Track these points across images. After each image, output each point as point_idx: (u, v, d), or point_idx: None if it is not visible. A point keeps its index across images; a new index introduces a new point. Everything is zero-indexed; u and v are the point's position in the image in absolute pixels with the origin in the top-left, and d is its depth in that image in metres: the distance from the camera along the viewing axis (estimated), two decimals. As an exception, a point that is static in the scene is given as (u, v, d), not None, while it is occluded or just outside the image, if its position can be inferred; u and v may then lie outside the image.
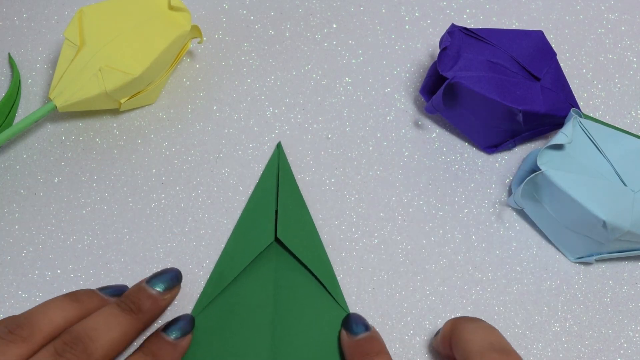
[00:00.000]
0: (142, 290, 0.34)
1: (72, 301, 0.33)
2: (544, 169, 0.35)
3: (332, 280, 0.37)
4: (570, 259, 0.38)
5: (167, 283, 0.35)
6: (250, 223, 0.38)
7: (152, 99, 0.41)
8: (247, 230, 0.38)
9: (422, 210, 0.39)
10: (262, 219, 0.38)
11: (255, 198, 0.39)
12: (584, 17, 0.44)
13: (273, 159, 0.40)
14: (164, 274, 0.35)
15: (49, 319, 0.31)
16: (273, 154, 0.40)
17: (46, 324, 0.31)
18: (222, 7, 0.44)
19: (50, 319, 0.31)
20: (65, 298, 0.33)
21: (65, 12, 0.43)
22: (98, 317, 0.32)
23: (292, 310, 0.36)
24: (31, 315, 0.31)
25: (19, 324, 0.31)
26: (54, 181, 0.39)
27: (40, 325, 0.31)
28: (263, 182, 0.39)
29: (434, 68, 0.39)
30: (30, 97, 0.41)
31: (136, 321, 0.33)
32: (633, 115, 0.42)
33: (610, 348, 0.37)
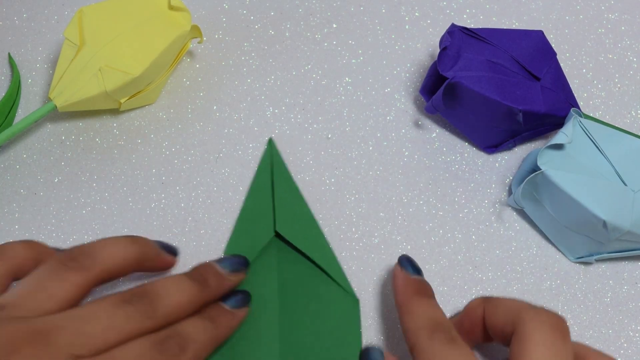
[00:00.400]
0: (211, 266, 0.35)
1: (131, 241, 0.33)
2: (544, 169, 0.35)
3: (336, 267, 0.37)
4: (571, 259, 0.38)
5: (234, 266, 0.35)
6: (248, 221, 0.38)
7: (152, 99, 0.41)
8: (247, 228, 0.38)
9: (422, 210, 0.39)
10: (260, 215, 0.38)
11: (251, 196, 0.39)
12: (584, 17, 0.44)
13: (265, 155, 0.40)
14: (233, 258, 0.36)
15: (109, 253, 0.32)
16: (265, 150, 0.40)
17: (106, 257, 0.32)
18: (222, 7, 0.44)
19: (110, 253, 0.32)
20: (123, 237, 0.33)
21: (65, 12, 0.43)
22: (168, 279, 0.32)
23: (298, 302, 0.36)
24: (92, 247, 0.32)
25: (81, 252, 0.31)
26: (54, 181, 0.39)
27: (101, 257, 0.31)
28: (258, 180, 0.39)
29: (434, 68, 0.39)
30: (30, 97, 0.41)
31: (201, 292, 0.33)
32: (633, 115, 0.42)
33: (610, 348, 0.37)
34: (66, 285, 0.30)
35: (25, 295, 0.29)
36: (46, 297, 0.29)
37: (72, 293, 0.30)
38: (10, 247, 0.32)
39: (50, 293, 0.29)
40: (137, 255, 0.33)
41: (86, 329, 0.28)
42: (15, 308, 0.29)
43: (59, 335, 0.27)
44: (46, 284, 0.30)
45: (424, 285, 0.35)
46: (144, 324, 0.30)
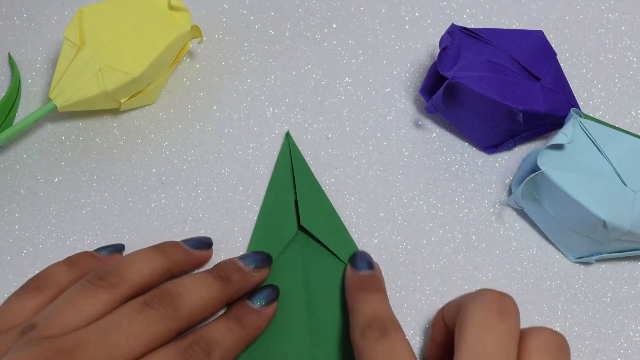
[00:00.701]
0: (233, 263, 0.35)
1: (158, 253, 0.34)
2: (544, 169, 0.35)
3: None
4: (571, 259, 0.38)
5: (257, 262, 0.35)
6: (270, 217, 0.38)
7: (152, 99, 0.41)
8: (269, 224, 0.38)
9: (422, 210, 0.39)
10: (282, 211, 0.38)
11: (271, 191, 0.39)
12: (584, 17, 0.44)
13: (284, 149, 0.40)
14: (255, 254, 0.36)
15: (136, 269, 0.32)
16: (283, 144, 0.40)
17: (133, 273, 0.32)
18: (222, 7, 0.44)
19: (137, 268, 0.32)
20: (151, 250, 0.34)
21: (65, 12, 0.43)
22: (189, 278, 0.33)
23: (324, 296, 0.36)
24: (119, 265, 0.32)
25: (108, 272, 0.32)
26: (54, 181, 0.39)
27: (128, 274, 0.32)
28: (277, 174, 0.39)
29: (434, 68, 0.39)
30: (30, 97, 0.41)
31: (225, 289, 0.33)
32: (633, 115, 0.42)
33: (610, 348, 0.37)
34: (94, 302, 0.31)
35: (55, 313, 0.30)
36: (74, 314, 0.30)
37: (101, 309, 0.31)
38: (53, 271, 0.33)
39: (78, 310, 0.30)
40: (164, 265, 0.33)
41: (109, 340, 0.29)
42: (45, 327, 0.29)
43: (84, 351, 0.28)
44: (75, 301, 0.31)
45: (368, 280, 0.35)
46: (166, 325, 0.30)
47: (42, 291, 0.32)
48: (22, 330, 0.30)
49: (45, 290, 0.32)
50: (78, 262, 0.34)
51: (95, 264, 0.35)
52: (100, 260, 0.35)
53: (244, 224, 0.38)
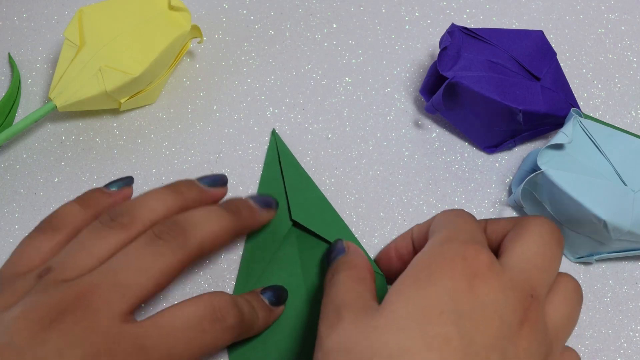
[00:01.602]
0: (243, 200, 0.35)
1: (172, 192, 0.33)
2: (544, 169, 0.35)
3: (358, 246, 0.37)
4: (571, 259, 0.38)
5: (264, 203, 0.36)
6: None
7: (152, 99, 0.41)
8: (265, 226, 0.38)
9: (422, 210, 0.39)
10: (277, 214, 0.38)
11: (262, 189, 0.39)
12: (584, 17, 0.44)
13: (271, 146, 0.40)
14: (263, 195, 0.37)
15: (149, 208, 0.32)
16: (270, 142, 0.40)
17: (146, 213, 0.32)
18: (222, 7, 0.44)
19: (150, 208, 0.32)
20: (165, 189, 0.34)
21: (65, 12, 0.44)
22: (199, 210, 0.33)
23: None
24: (132, 205, 0.32)
25: (120, 212, 0.32)
26: (54, 181, 0.39)
27: (141, 214, 0.32)
28: (266, 172, 0.39)
29: (434, 68, 0.39)
30: (30, 97, 0.41)
31: (234, 221, 0.33)
32: (633, 115, 0.42)
33: (610, 348, 0.37)
34: (106, 243, 0.31)
35: (69, 256, 0.31)
36: (87, 256, 0.31)
37: (112, 249, 0.31)
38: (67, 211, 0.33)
39: (90, 251, 0.31)
40: (178, 204, 0.33)
41: (119, 280, 0.29)
42: (60, 271, 0.30)
43: (96, 295, 0.29)
44: (87, 243, 0.31)
45: None
46: (175, 257, 0.31)
47: (57, 232, 0.33)
48: (39, 273, 0.30)
49: (59, 231, 0.33)
50: (90, 200, 0.34)
51: (106, 201, 0.34)
52: (111, 195, 0.35)
53: (244, 224, 0.38)
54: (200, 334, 0.30)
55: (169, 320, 0.30)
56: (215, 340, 0.31)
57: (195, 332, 0.30)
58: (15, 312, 0.28)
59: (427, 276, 0.28)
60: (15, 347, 0.27)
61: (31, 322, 0.28)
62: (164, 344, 0.29)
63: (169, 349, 0.29)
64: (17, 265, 0.32)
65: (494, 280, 0.28)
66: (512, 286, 0.28)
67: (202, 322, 0.30)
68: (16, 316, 0.28)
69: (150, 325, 0.29)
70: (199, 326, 0.30)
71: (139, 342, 0.29)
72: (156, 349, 0.29)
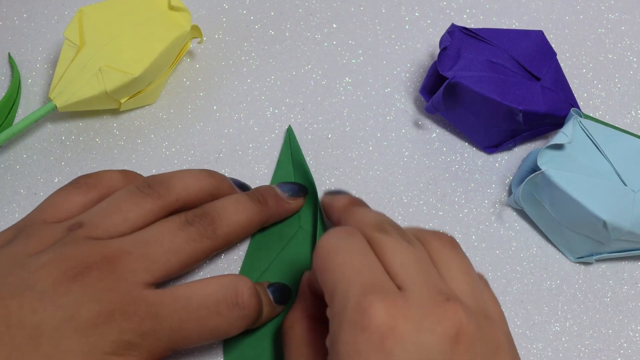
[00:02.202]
0: (271, 188, 0.36)
1: (208, 175, 0.35)
2: (544, 169, 0.35)
3: None
4: (571, 259, 0.38)
5: (292, 191, 0.37)
6: None
7: (152, 99, 0.41)
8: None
9: (422, 210, 0.39)
10: None
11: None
12: (584, 17, 0.44)
13: (285, 144, 0.40)
14: (291, 183, 0.37)
15: (184, 184, 0.33)
16: (285, 139, 0.40)
17: (181, 188, 0.33)
18: (222, 7, 0.44)
19: (185, 184, 0.33)
20: (201, 171, 0.35)
21: (65, 12, 0.44)
22: (228, 200, 0.34)
23: None
24: (169, 177, 0.34)
25: (158, 182, 0.33)
26: (54, 181, 0.39)
27: (176, 187, 0.33)
28: (280, 170, 0.39)
29: (434, 68, 0.39)
30: (30, 97, 0.41)
31: (261, 211, 0.35)
32: (633, 115, 0.42)
33: (610, 348, 0.37)
34: (140, 210, 0.32)
35: (103, 215, 0.32)
36: (121, 219, 0.31)
37: (145, 217, 0.32)
38: (107, 176, 0.34)
39: (125, 216, 0.32)
40: (211, 188, 0.34)
41: (150, 253, 0.30)
42: (92, 227, 0.31)
43: (123, 261, 0.30)
44: (122, 206, 0.32)
45: (356, 199, 0.35)
46: (203, 244, 0.32)
47: (91, 189, 0.33)
48: (69, 226, 0.31)
49: (94, 189, 0.33)
50: (130, 174, 0.35)
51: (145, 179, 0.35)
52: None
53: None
54: (215, 315, 0.30)
55: (187, 295, 0.30)
56: (229, 325, 0.31)
57: (210, 313, 0.30)
58: (43, 259, 0.29)
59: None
60: (37, 292, 0.28)
61: (58, 271, 0.29)
62: (176, 316, 0.30)
63: (180, 323, 0.30)
64: (45, 214, 0.33)
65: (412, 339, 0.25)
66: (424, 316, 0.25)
67: (219, 305, 0.30)
68: (44, 263, 0.29)
69: (168, 295, 0.30)
70: (215, 307, 0.30)
71: (154, 310, 0.29)
72: (168, 320, 0.30)
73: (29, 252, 0.30)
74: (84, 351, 0.28)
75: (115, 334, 0.28)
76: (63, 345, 0.28)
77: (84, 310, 0.28)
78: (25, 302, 0.28)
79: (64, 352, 0.28)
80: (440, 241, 0.29)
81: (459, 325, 0.25)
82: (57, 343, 0.28)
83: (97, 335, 0.28)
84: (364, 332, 0.25)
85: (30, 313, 0.28)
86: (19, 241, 0.31)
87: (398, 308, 0.25)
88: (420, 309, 0.25)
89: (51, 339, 0.28)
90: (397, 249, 0.28)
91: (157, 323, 0.29)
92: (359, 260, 0.27)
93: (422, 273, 0.27)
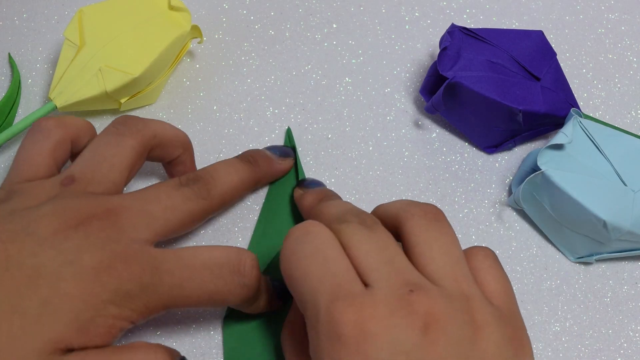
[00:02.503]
0: (260, 150, 0.38)
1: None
2: (544, 169, 0.36)
3: None
4: (571, 259, 0.38)
5: (281, 151, 0.38)
6: (273, 214, 0.38)
7: (152, 99, 0.41)
8: (271, 221, 0.38)
9: (422, 210, 0.39)
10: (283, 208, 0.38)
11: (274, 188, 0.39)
12: (584, 17, 0.44)
13: (285, 144, 0.40)
14: (278, 146, 0.39)
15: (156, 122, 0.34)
16: (284, 142, 0.40)
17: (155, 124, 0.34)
18: (222, 7, 0.44)
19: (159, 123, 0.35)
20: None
21: (65, 12, 0.44)
22: (219, 163, 0.35)
23: None
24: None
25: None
26: (54, 181, 0.39)
27: (150, 123, 0.34)
28: None
29: (434, 68, 0.39)
30: (30, 97, 0.41)
31: (252, 171, 0.36)
32: (633, 115, 0.42)
33: (610, 348, 0.37)
34: (123, 151, 0.32)
35: (91, 167, 0.32)
36: (109, 168, 0.32)
37: (130, 159, 0.33)
38: (69, 118, 0.34)
39: (111, 163, 0.32)
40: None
41: (149, 209, 0.31)
42: (85, 182, 0.31)
43: (124, 215, 0.30)
44: (105, 153, 0.32)
45: (326, 192, 0.36)
46: (199, 204, 0.32)
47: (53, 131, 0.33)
48: (61, 181, 0.31)
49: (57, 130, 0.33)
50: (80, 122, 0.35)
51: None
52: None
53: (244, 224, 0.38)
54: (216, 279, 0.30)
55: (191, 255, 0.30)
56: (229, 291, 0.31)
57: (212, 276, 0.30)
58: (45, 209, 0.29)
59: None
60: (39, 237, 0.28)
61: (59, 219, 0.29)
62: (177, 273, 0.30)
63: (182, 280, 0.30)
64: (24, 173, 0.32)
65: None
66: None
67: (222, 269, 0.30)
68: (45, 213, 0.29)
69: (171, 253, 0.30)
70: (217, 271, 0.30)
71: (155, 264, 0.29)
72: (169, 275, 0.29)
73: (26, 206, 0.30)
74: (82, 297, 0.28)
75: (115, 282, 0.28)
76: (62, 288, 0.27)
77: (85, 256, 0.28)
78: (25, 246, 0.28)
79: (62, 296, 0.27)
80: (424, 217, 0.29)
81: (425, 315, 0.25)
82: (56, 286, 0.27)
83: (96, 282, 0.28)
84: (339, 340, 0.25)
85: (30, 256, 0.28)
86: (14, 200, 0.30)
87: (366, 310, 0.25)
88: (387, 306, 0.26)
89: (50, 282, 0.27)
90: (359, 239, 0.28)
91: (158, 277, 0.29)
92: (321, 263, 0.27)
93: (386, 263, 0.27)
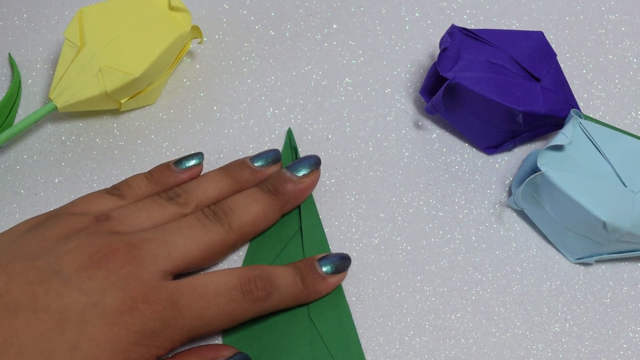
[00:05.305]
0: (282, 174, 0.37)
1: (224, 175, 0.37)
2: (544, 170, 0.36)
3: None
4: (570, 260, 0.38)
5: (306, 168, 0.38)
6: None
7: (153, 99, 0.41)
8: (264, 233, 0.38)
9: (422, 211, 0.39)
10: None
11: None
12: (584, 18, 0.44)
13: (286, 146, 0.40)
14: (304, 160, 0.38)
15: (203, 190, 0.36)
16: (285, 142, 0.40)
17: (200, 194, 0.36)
18: (222, 7, 0.44)
19: (204, 189, 0.36)
20: (218, 172, 0.37)
21: (65, 12, 0.44)
22: (240, 195, 0.36)
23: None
24: (188, 187, 0.36)
25: (177, 193, 0.36)
26: (54, 181, 0.39)
27: (195, 195, 0.36)
28: None
29: (434, 68, 0.39)
30: (31, 97, 0.41)
31: (275, 200, 0.36)
32: (633, 115, 0.42)
33: (610, 348, 0.37)
34: (163, 211, 0.35)
35: (129, 212, 0.34)
36: (145, 218, 0.34)
37: (168, 218, 0.35)
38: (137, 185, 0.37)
39: (149, 215, 0.34)
40: (230, 185, 0.37)
41: (169, 239, 0.33)
42: (117, 222, 0.33)
43: (145, 247, 0.32)
44: (148, 207, 0.35)
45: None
46: (220, 236, 0.34)
47: (122, 198, 0.36)
48: (96, 217, 0.33)
49: (124, 198, 0.36)
50: (159, 177, 0.37)
51: (173, 180, 0.37)
52: (178, 175, 0.37)
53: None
54: (230, 302, 0.32)
55: (203, 283, 0.32)
56: (244, 309, 0.33)
57: (226, 300, 0.32)
58: (70, 245, 0.31)
59: None
60: (64, 276, 0.30)
61: (83, 256, 0.31)
62: (196, 304, 0.31)
63: (200, 310, 0.31)
64: (76, 207, 0.35)
65: None
66: None
67: (232, 292, 0.32)
68: (70, 249, 0.31)
69: (186, 284, 0.32)
70: (228, 294, 0.32)
71: (174, 298, 0.31)
72: (188, 308, 0.31)
73: (56, 235, 0.32)
74: (109, 341, 0.29)
75: (139, 323, 0.30)
76: (88, 332, 0.29)
77: (108, 297, 0.30)
78: (51, 286, 0.29)
79: (90, 340, 0.29)
80: None
81: None
82: (83, 330, 0.29)
83: (121, 324, 0.29)
84: None
85: (56, 297, 0.29)
86: (48, 224, 0.32)
87: None
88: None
89: (77, 325, 0.29)
90: None
91: (178, 311, 0.31)
92: None
93: None
